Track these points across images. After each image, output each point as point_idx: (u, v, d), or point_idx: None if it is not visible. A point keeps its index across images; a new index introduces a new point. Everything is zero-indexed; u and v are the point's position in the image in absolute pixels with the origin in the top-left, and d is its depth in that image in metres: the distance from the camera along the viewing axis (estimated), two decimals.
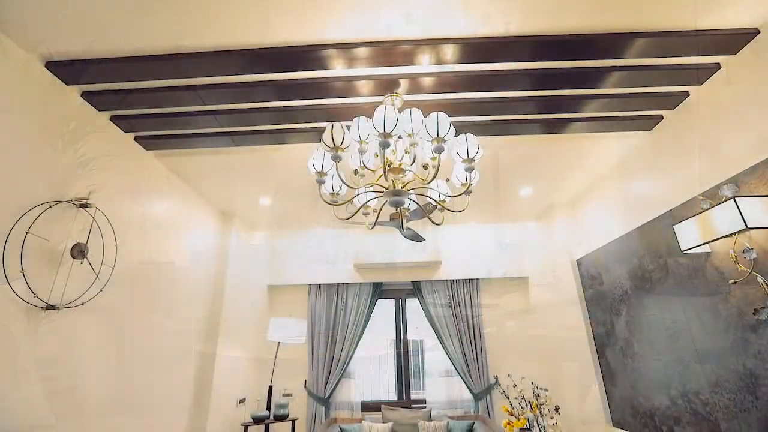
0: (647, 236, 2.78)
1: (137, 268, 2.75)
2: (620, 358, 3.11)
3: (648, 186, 2.86)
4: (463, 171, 1.78)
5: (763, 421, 1.92)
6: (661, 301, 2.63)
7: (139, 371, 2.73)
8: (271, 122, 2.61)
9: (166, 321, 3.08)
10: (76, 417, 2.19)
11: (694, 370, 2.35)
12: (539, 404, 3.88)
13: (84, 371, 2.25)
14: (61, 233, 2.13)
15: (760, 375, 1.92)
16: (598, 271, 3.42)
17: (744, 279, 1.99)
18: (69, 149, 2.22)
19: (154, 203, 3.00)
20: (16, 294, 1.85)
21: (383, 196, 1.77)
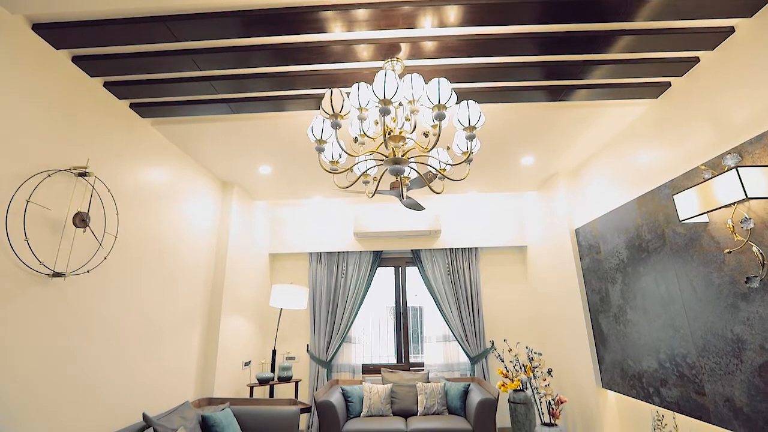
0: (647, 206, 2.79)
1: (140, 236, 2.78)
2: (613, 324, 3.21)
3: (651, 155, 2.84)
4: (464, 139, 1.76)
5: (746, 383, 2.01)
6: (657, 270, 2.67)
7: (146, 337, 2.82)
8: (270, 89, 2.55)
9: (171, 288, 3.15)
10: (83, 382, 2.29)
11: (684, 335, 2.43)
12: (533, 367, 4.04)
13: (92, 336, 2.33)
14: (62, 202, 2.14)
15: (747, 340, 1.99)
16: (596, 240, 3.46)
17: (739, 248, 2.01)
18: (63, 116, 2.19)
19: (154, 172, 2.98)
20: (22, 261, 1.89)
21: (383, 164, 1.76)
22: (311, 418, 4.54)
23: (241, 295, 4.29)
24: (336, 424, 3.51)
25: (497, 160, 3.78)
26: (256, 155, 3.54)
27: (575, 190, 3.99)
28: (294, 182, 4.22)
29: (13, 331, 1.85)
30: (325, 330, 4.82)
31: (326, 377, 4.70)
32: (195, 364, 3.50)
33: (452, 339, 4.87)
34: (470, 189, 4.63)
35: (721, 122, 2.22)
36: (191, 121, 2.95)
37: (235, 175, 4.01)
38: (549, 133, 3.25)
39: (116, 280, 2.53)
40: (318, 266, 5.14)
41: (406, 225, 4.96)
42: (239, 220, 4.29)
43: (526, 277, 5.16)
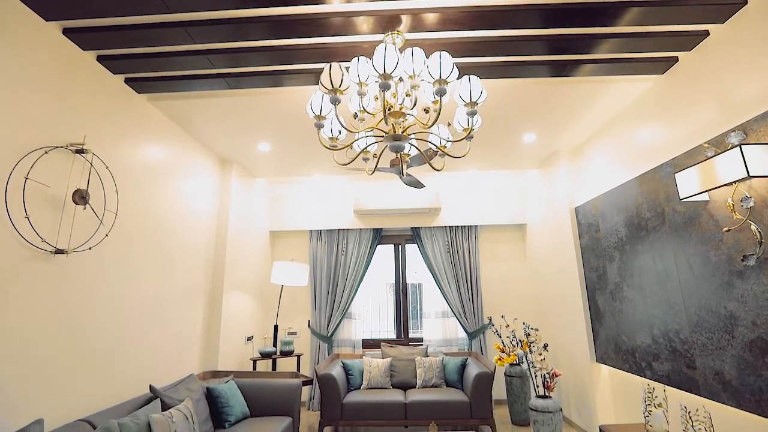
0: (648, 184, 2.78)
1: (140, 214, 2.78)
2: (609, 301, 3.26)
3: (653, 133, 2.80)
4: (465, 115, 1.73)
5: (736, 357, 2.06)
6: (655, 248, 2.69)
7: (149, 313, 2.87)
8: (267, 63, 2.49)
9: (173, 264, 3.18)
10: (90, 355, 2.34)
11: (678, 312, 2.47)
12: (529, 342, 4.13)
13: (97, 312, 2.37)
14: (61, 180, 2.13)
15: (740, 316, 2.03)
16: (596, 219, 3.46)
17: (738, 227, 2.02)
18: (56, 91, 2.14)
19: (152, 149, 2.96)
20: (24, 238, 1.90)
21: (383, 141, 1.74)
22: (313, 391, 4.69)
23: (243, 271, 4.34)
24: (337, 395, 3.63)
25: (498, 138, 3.74)
26: (254, 132, 3.49)
27: (576, 169, 3.97)
28: (293, 159, 4.18)
29: (20, 306, 1.88)
30: (326, 306, 4.90)
31: (327, 352, 4.81)
32: (199, 338, 3.58)
33: (451, 315, 4.96)
34: (471, 167, 4.60)
35: (727, 99, 2.18)
36: (188, 97, 2.90)
37: (234, 153, 3.98)
38: (551, 110, 3.20)
39: (118, 257, 2.55)
40: (318, 244, 5.17)
41: (406, 203, 4.95)
42: (239, 198, 4.29)
43: (525, 255, 5.21)
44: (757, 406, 1.95)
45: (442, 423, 3.52)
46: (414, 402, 3.61)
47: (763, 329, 1.91)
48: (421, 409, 3.57)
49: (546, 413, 3.53)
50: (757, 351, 1.94)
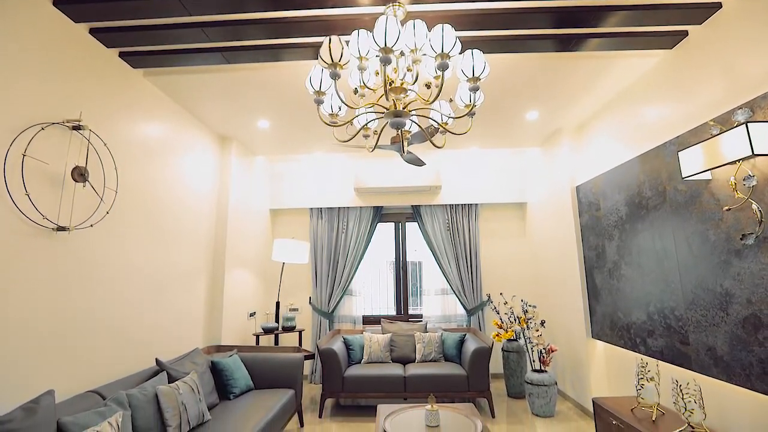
0: (650, 163, 2.75)
1: (140, 191, 2.78)
2: (607, 279, 3.30)
3: (658, 111, 2.76)
4: (467, 91, 1.70)
5: (729, 333, 2.10)
6: (654, 227, 2.70)
7: (153, 289, 2.91)
8: (265, 36, 2.42)
9: (175, 241, 3.20)
10: (96, 330, 2.39)
11: (674, 290, 2.51)
12: (527, 319, 4.21)
13: (101, 288, 2.41)
14: (59, 157, 2.11)
15: (735, 294, 2.06)
16: (597, 197, 3.46)
17: (739, 206, 2.02)
18: (50, 66, 2.10)
19: (150, 126, 2.92)
20: (25, 215, 1.90)
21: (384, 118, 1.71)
22: (314, 365, 4.81)
23: (244, 249, 4.37)
24: (338, 369, 3.73)
25: (501, 115, 3.68)
26: (253, 109, 3.44)
27: (578, 147, 3.93)
28: (293, 137, 4.14)
29: (25, 282, 1.90)
30: (327, 283, 4.96)
31: (328, 327, 4.91)
32: (203, 314, 3.65)
33: (450, 292, 5.03)
34: (472, 144, 4.56)
35: (736, 75, 2.13)
36: (185, 72, 2.83)
37: (233, 130, 3.93)
38: (555, 86, 3.13)
39: (120, 234, 2.57)
40: (319, 222, 5.19)
41: (406, 181, 4.94)
42: (239, 176, 4.27)
43: (524, 234, 5.23)
44: (747, 379, 2.00)
45: (440, 395, 3.63)
46: (413, 375, 3.71)
47: (757, 306, 1.94)
48: (420, 382, 3.67)
49: (541, 386, 3.64)
50: (750, 327, 1.98)
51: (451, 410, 2.59)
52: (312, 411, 3.88)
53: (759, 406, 2.04)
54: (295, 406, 3.28)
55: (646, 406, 2.53)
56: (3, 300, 1.80)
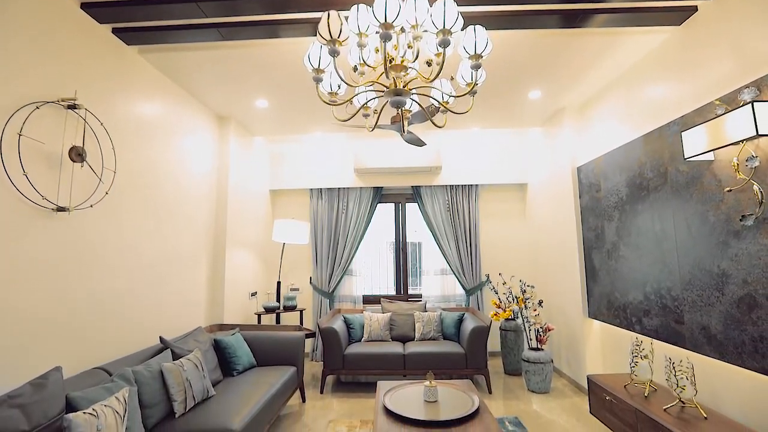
0: (653, 144, 2.73)
1: (139, 171, 2.76)
2: (605, 259, 3.32)
3: (663, 90, 2.71)
4: (468, 69, 1.66)
5: (723, 313, 2.13)
6: (654, 208, 2.70)
7: (155, 269, 2.94)
8: (262, 11, 2.35)
9: (175, 222, 3.21)
10: (98, 310, 2.43)
11: (672, 270, 2.53)
12: (525, 299, 4.27)
13: (103, 268, 2.43)
14: (55, 136, 2.09)
15: (732, 275, 2.07)
16: (597, 178, 3.44)
17: (740, 187, 2.01)
18: (40, 42, 2.04)
19: (147, 106, 2.87)
20: (25, 196, 1.90)
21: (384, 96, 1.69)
22: (316, 343, 4.91)
23: (245, 229, 4.39)
24: (339, 347, 3.81)
25: (503, 94, 3.62)
26: (251, 87, 3.38)
27: (581, 127, 3.88)
28: (292, 116, 4.09)
29: (27, 262, 1.92)
30: (327, 263, 5.00)
31: (329, 307, 4.99)
32: (204, 293, 3.69)
33: (449, 272, 5.08)
34: (473, 125, 4.50)
35: (745, 53, 2.08)
36: (180, 49, 2.77)
37: (231, 109, 3.88)
38: (559, 64, 3.07)
39: (120, 214, 2.57)
40: (319, 202, 5.18)
41: (406, 161, 4.91)
42: (238, 156, 4.24)
43: (524, 215, 5.24)
44: (738, 357, 2.05)
45: (439, 372, 3.72)
46: (412, 353, 3.79)
47: (752, 287, 1.96)
48: (419, 359, 3.76)
49: (537, 364, 3.73)
50: (744, 307, 2.01)
51: (449, 386, 2.66)
52: (313, 387, 3.98)
53: (748, 383, 2.10)
54: (297, 383, 3.36)
55: (639, 383, 2.59)
56: (5, 279, 1.82)
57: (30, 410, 1.50)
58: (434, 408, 2.31)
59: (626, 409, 2.39)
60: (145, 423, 2.10)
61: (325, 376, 3.83)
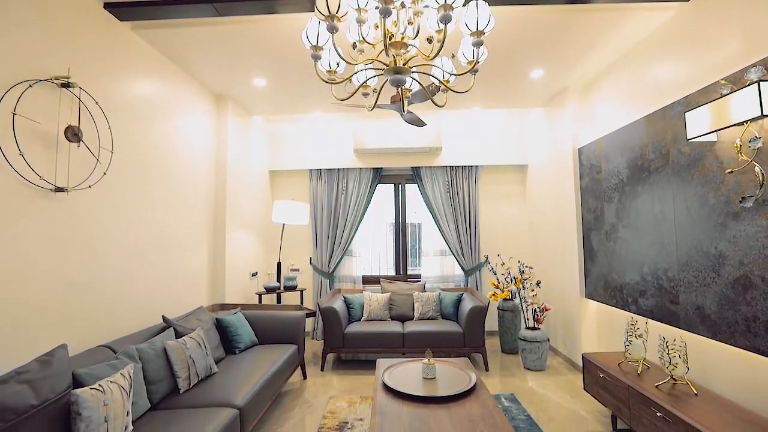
0: (655, 124, 2.70)
1: (136, 152, 2.74)
2: (603, 241, 3.34)
3: (669, 69, 2.65)
4: (470, 46, 1.62)
5: (718, 294, 2.16)
6: (654, 190, 2.69)
7: (155, 249, 2.95)
8: None
9: (174, 202, 3.20)
10: (100, 290, 2.45)
11: (669, 252, 2.54)
12: (523, 279, 4.31)
13: (104, 248, 2.44)
14: (50, 115, 2.06)
15: (729, 256, 2.09)
16: (598, 160, 3.42)
17: (742, 168, 2.00)
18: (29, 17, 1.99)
19: (142, 84, 2.82)
20: (22, 176, 1.88)
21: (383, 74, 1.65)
22: (316, 322, 4.99)
23: (244, 210, 4.39)
24: (339, 326, 3.87)
25: (504, 73, 3.55)
26: (249, 66, 3.31)
27: (583, 108, 3.83)
28: (291, 95, 4.02)
29: (28, 242, 1.93)
30: (327, 244, 5.03)
31: (329, 287, 5.04)
32: (206, 273, 3.72)
33: (448, 253, 5.11)
34: (474, 105, 4.44)
35: (753, 30, 2.03)
36: (174, 25, 2.69)
37: (229, 88, 3.81)
38: (563, 42, 2.99)
39: (119, 195, 2.56)
40: (318, 183, 5.17)
41: (406, 142, 4.86)
42: (236, 136, 4.20)
43: (524, 196, 5.23)
44: (731, 336, 2.09)
45: (437, 351, 3.80)
46: (411, 332, 3.86)
47: (748, 268, 1.98)
48: (418, 338, 3.83)
49: (534, 342, 3.80)
50: (739, 288, 2.03)
51: (447, 364, 2.72)
52: (314, 365, 4.07)
53: (739, 361, 2.15)
54: (298, 360, 3.44)
55: (633, 361, 2.65)
56: (8, 259, 1.83)
57: (38, 385, 1.54)
58: (432, 384, 2.36)
59: (619, 385, 2.45)
60: (151, 398, 2.16)
61: (326, 354, 3.91)
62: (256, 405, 2.40)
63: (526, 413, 2.91)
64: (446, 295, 4.41)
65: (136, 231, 2.72)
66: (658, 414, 2.09)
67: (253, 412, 2.35)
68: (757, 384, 2.05)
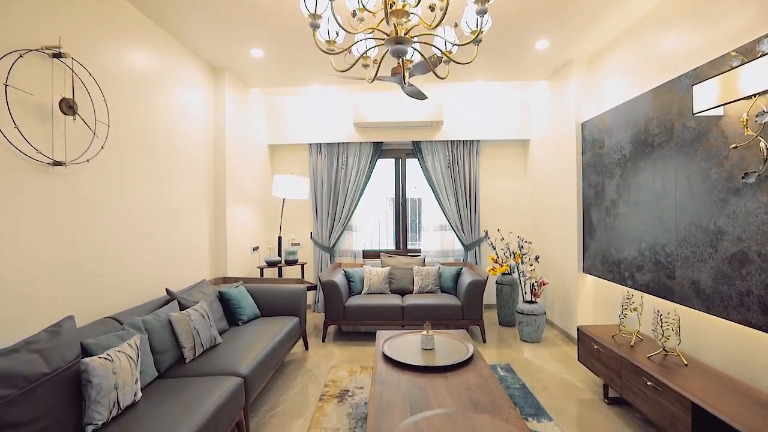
0: (661, 98, 2.64)
1: (133, 125, 2.70)
2: (603, 216, 3.35)
3: (679, 40, 2.57)
4: (473, 15, 1.57)
5: (714, 269, 2.18)
6: (657, 165, 2.67)
7: (156, 224, 2.96)
8: None
9: (173, 176, 3.19)
10: (102, 265, 2.48)
11: (668, 227, 2.55)
12: (522, 254, 4.35)
13: (104, 222, 2.45)
14: (43, 87, 2.01)
15: (727, 232, 2.10)
16: (601, 135, 3.37)
17: (747, 143, 1.97)
18: None
19: (137, 55, 2.74)
20: (18, 149, 1.86)
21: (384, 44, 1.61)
22: (317, 295, 5.08)
23: (244, 185, 4.38)
24: (339, 299, 3.95)
25: (508, 44, 3.44)
26: (245, 35, 3.21)
27: (587, 81, 3.74)
28: (289, 67, 3.92)
29: (29, 216, 1.93)
30: (327, 219, 5.05)
31: (329, 261, 5.10)
32: (207, 248, 3.76)
33: (448, 228, 5.14)
34: (476, 77, 4.33)
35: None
36: None
37: (225, 59, 3.71)
38: (570, 11, 2.88)
39: (118, 169, 2.55)
40: (318, 157, 5.12)
41: (407, 115, 4.78)
42: (234, 109, 4.12)
43: (525, 171, 5.20)
44: (724, 310, 2.13)
45: (436, 323, 3.89)
46: (411, 305, 3.94)
47: (746, 243, 1.99)
48: (417, 311, 3.91)
49: (531, 315, 3.88)
50: (735, 263, 2.05)
51: (446, 336, 2.79)
52: (316, 336, 4.18)
53: (730, 334, 2.20)
54: (300, 332, 3.53)
55: (627, 333, 2.72)
56: (9, 233, 1.84)
57: (48, 355, 1.58)
58: (431, 355, 2.44)
59: (612, 356, 2.52)
60: (158, 367, 2.23)
61: (327, 326, 4.01)
62: (259, 374, 2.48)
63: (521, 382, 3.01)
64: (446, 270, 4.46)
65: (136, 205, 2.72)
66: (648, 383, 2.16)
67: (257, 381, 2.43)
68: (746, 355, 2.11)
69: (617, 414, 2.56)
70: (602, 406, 2.66)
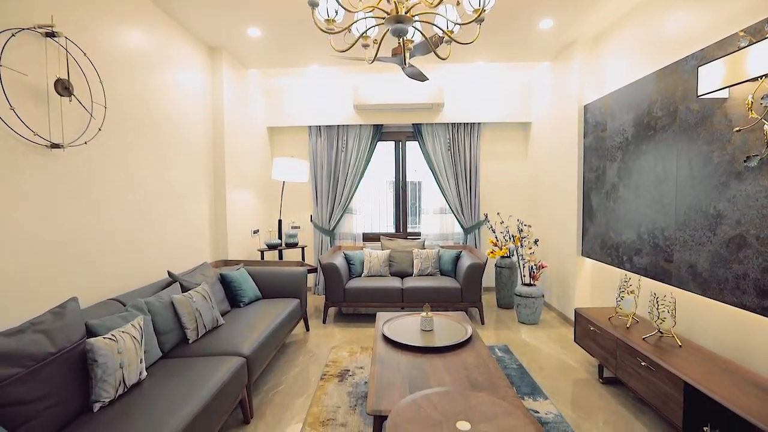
0: (666, 80, 2.60)
1: (130, 106, 2.67)
2: (603, 200, 3.35)
3: (685, 19, 2.51)
4: None
5: (712, 252, 2.20)
6: (659, 148, 2.65)
7: (156, 207, 2.96)
8: None
9: (172, 159, 3.17)
10: (102, 248, 2.49)
11: (668, 211, 2.56)
12: (521, 238, 4.37)
13: (103, 204, 2.45)
14: (37, 68, 1.98)
15: (726, 216, 2.10)
16: (604, 117, 3.33)
17: (750, 127, 1.95)
18: None
19: (133, 35, 2.68)
20: (15, 131, 1.85)
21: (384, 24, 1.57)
22: (318, 278, 5.13)
23: (244, 167, 4.36)
24: (340, 282, 3.99)
25: (512, 23, 3.37)
26: (242, 14, 3.13)
27: (591, 63, 3.67)
28: (287, 47, 3.84)
29: (28, 198, 1.93)
30: (327, 202, 5.05)
31: (329, 244, 5.12)
32: (208, 231, 3.77)
33: (448, 211, 5.14)
34: (478, 58, 4.25)
35: None
36: None
37: (222, 39, 3.63)
38: None
39: (116, 152, 2.53)
40: (318, 140, 5.08)
41: (407, 97, 4.72)
42: (232, 91, 4.06)
43: (525, 155, 5.17)
44: (720, 293, 2.15)
45: (435, 305, 3.94)
46: (410, 287, 3.98)
47: (745, 228, 2.00)
48: (417, 293, 3.95)
49: (529, 298, 3.93)
50: (733, 247, 2.07)
51: (445, 317, 2.83)
52: (316, 318, 4.24)
53: (724, 316, 2.23)
54: (301, 313, 3.57)
55: (623, 315, 2.76)
56: (9, 216, 1.84)
57: (53, 335, 1.61)
58: (430, 336, 2.48)
59: (608, 338, 2.57)
60: (162, 348, 2.27)
61: (327, 308, 4.06)
62: (261, 354, 2.53)
63: (518, 363, 3.07)
64: (445, 252, 4.49)
65: (136, 187, 2.72)
66: (642, 363, 2.20)
67: (259, 361, 2.48)
68: (740, 337, 2.15)
69: (611, 393, 2.62)
70: (597, 386, 2.72)
